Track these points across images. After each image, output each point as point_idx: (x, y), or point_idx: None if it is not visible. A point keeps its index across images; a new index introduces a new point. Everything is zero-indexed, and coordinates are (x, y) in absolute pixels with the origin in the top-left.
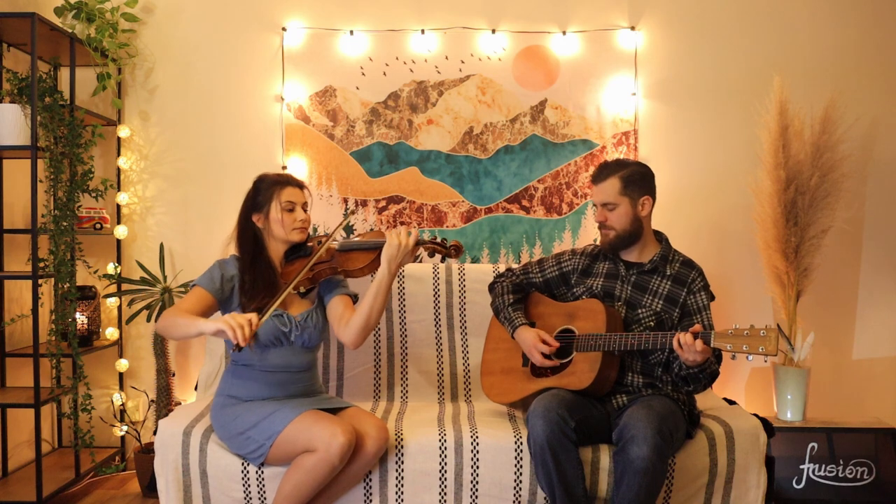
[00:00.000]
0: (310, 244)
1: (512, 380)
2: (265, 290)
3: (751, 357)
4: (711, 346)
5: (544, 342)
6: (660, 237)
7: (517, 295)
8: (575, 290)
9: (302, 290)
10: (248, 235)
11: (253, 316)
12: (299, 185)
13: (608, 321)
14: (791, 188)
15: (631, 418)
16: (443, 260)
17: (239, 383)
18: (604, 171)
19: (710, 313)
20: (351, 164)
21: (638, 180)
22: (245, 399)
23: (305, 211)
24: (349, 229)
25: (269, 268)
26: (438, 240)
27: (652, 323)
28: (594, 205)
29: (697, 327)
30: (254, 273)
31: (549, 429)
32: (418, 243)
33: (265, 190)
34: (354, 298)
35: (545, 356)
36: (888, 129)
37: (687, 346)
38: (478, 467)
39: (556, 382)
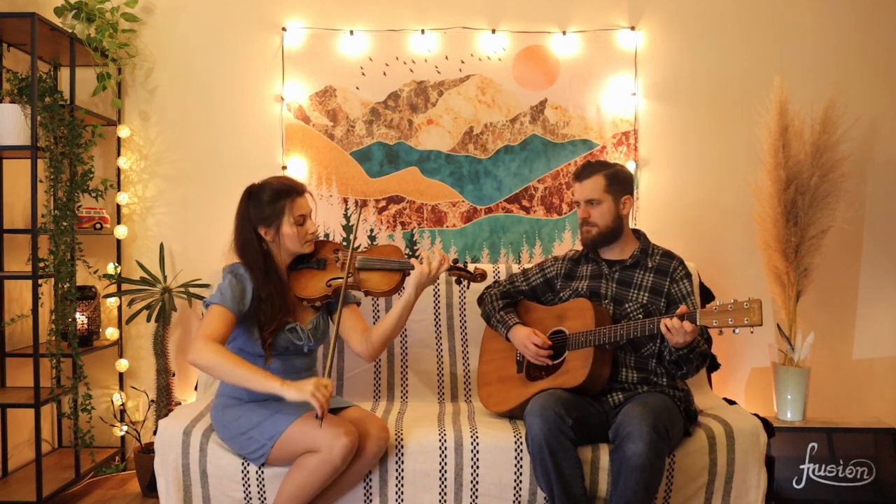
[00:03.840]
0: (320, 256)
1: (508, 387)
2: (280, 306)
3: (737, 330)
4: (698, 324)
5: (536, 336)
6: (638, 234)
7: (506, 300)
8: (561, 294)
9: (318, 304)
10: (255, 248)
11: (328, 382)
12: (305, 192)
13: (596, 317)
14: (791, 188)
15: (626, 416)
16: (468, 286)
17: None
18: (588, 168)
19: (695, 299)
20: (351, 164)
21: (621, 180)
22: (247, 399)
23: (312, 220)
24: (349, 229)
25: (281, 282)
26: (463, 266)
27: (640, 316)
28: (576, 203)
29: (683, 308)
30: (269, 289)
31: (547, 427)
32: (448, 269)
33: (273, 202)
34: (358, 303)
35: (540, 349)
36: (888, 129)
37: (675, 328)
38: (478, 467)
39: (551, 383)
